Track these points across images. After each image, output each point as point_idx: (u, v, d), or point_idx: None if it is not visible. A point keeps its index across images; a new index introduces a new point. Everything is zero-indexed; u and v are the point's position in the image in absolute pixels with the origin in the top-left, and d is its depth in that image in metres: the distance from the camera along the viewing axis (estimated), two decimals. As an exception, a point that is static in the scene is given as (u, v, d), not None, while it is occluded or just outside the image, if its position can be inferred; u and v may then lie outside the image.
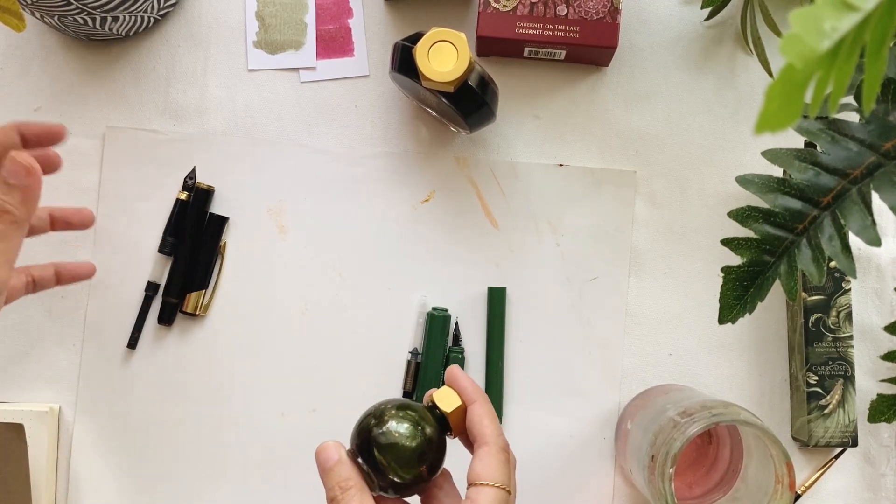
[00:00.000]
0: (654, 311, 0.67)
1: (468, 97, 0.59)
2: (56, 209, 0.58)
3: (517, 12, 0.64)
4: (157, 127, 0.68)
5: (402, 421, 0.47)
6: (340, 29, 0.68)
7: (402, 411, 0.47)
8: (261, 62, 0.68)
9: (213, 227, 0.66)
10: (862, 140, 0.46)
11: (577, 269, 0.67)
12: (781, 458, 0.53)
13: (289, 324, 0.66)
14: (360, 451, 0.46)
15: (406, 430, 0.46)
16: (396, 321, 0.66)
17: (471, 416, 0.48)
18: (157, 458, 0.65)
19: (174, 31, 0.68)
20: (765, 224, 0.47)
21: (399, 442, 0.46)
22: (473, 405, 0.49)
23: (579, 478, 0.65)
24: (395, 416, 0.47)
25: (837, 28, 0.28)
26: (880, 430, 0.66)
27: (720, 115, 0.68)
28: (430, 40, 0.58)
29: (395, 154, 0.68)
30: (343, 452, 0.46)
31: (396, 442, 0.46)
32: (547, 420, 0.66)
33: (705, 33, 0.69)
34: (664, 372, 0.66)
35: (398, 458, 0.46)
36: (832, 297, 0.65)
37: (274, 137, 0.68)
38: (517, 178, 0.67)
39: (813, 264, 0.46)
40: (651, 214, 0.67)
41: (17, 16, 0.51)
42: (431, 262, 0.67)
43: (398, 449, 0.46)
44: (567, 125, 0.68)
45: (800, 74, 0.27)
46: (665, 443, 0.54)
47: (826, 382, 0.64)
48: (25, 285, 0.57)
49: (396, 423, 0.46)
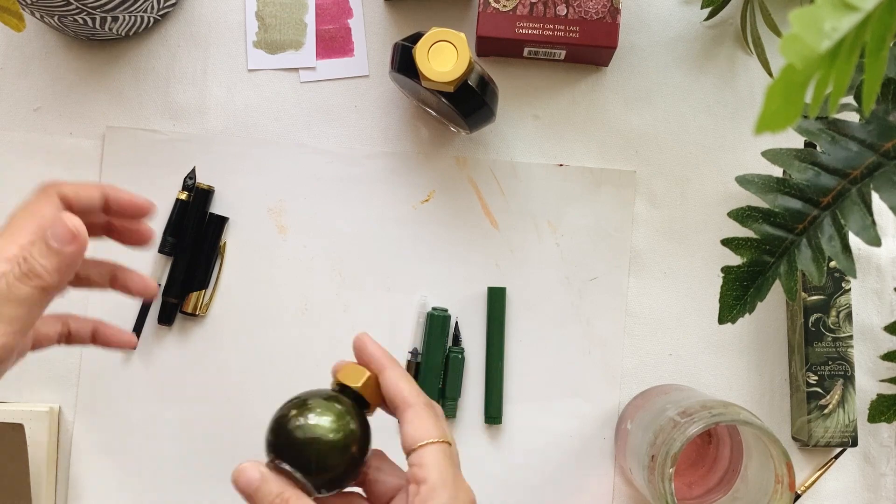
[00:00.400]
0: (654, 310, 0.67)
1: (468, 97, 0.59)
2: (119, 270, 0.53)
3: (517, 12, 0.64)
4: (156, 127, 0.68)
5: (315, 413, 0.44)
6: (340, 29, 0.68)
7: (313, 403, 0.44)
8: (261, 62, 0.68)
9: (213, 227, 0.66)
10: (862, 140, 0.46)
11: (577, 269, 0.67)
12: (781, 458, 0.53)
13: (289, 324, 0.66)
14: (281, 457, 0.43)
15: (323, 421, 0.43)
16: (396, 321, 0.66)
17: (385, 383, 0.46)
18: (156, 457, 0.65)
19: (174, 31, 0.68)
20: (765, 224, 0.47)
21: (319, 436, 0.43)
22: (384, 372, 0.46)
23: (579, 478, 0.65)
24: (306, 411, 0.44)
25: (837, 28, 0.28)
26: (880, 430, 0.66)
27: (720, 115, 0.68)
28: (430, 40, 0.58)
29: (395, 154, 0.68)
30: (263, 469, 0.43)
31: (316, 437, 0.43)
32: (547, 420, 0.66)
33: (705, 33, 0.69)
34: (664, 372, 0.66)
35: (322, 452, 0.43)
36: (832, 297, 0.65)
37: (274, 137, 0.68)
38: (517, 178, 0.67)
39: (813, 264, 0.46)
40: (651, 214, 0.67)
41: (17, 16, 0.51)
42: (431, 262, 0.67)
43: (320, 443, 0.43)
44: (567, 125, 0.68)
45: (800, 74, 0.27)
46: (665, 443, 0.54)
47: (826, 382, 0.64)
48: (59, 335, 0.52)
49: (310, 417, 0.43)
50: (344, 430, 0.43)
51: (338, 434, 0.43)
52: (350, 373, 0.46)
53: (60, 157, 0.67)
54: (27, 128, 0.67)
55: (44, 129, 0.67)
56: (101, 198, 0.47)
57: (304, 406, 0.44)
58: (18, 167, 0.67)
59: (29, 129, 0.67)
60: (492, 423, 0.66)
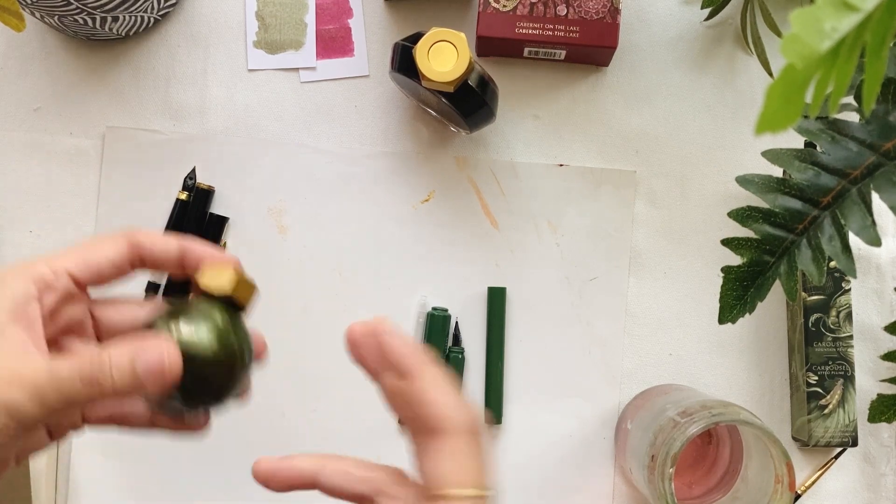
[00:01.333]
0: (654, 310, 0.67)
1: (468, 97, 0.59)
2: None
3: (517, 12, 0.64)
4: (157, 127, 0.68)
5: (191, 324, 0.37)
6: (340, 29, 0.68)
7: (179, 315, 0.37)
8: (261, 62, 0.68)
9: (214, 228, 0.66)
10: (862, 140, 0.46)
11: (577, 269, 0.67)
12: (781, 457, 0.53)
13: (289, 323, 0.66)
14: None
15: (199, 337, 0.37)
16: (396, 321, 0.66)
17: (410, 395, 0.35)
18: (156, 458, 0.65)
19: (174, 31, 0.68)
20: (765, 224, 0.47)
21: (194, 354, 0.36)
22: (413, 379, 0.35)
23: (579, 478, 0.65)
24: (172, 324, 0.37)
25: (838, 28, 0.28)
26: (880, 430, 0.66)
27: (720, 115, 0.68)
28: (430, 40, 0.58)
29: (395, 154, 0.68)
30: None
31: (192, 356, 0.36)
32: (547, 420, 0.66)
33: (705, 33, 0.69)
34: (664, 372, 0.66)
35: (202, 370, 0.37)
36: (832, 296, 0.65)
37: (274, 137, 0.68)
38: (517, 178, 0.67)
39: (813, 264, 0.46)
40: (651, 214, 0.67)
41: (17, 16, 0.51)
42: (431, 262, 0.67)
43: (198, 361, 0.36)
44: (567, 125, 0.68)
45: (800, 75, 0.27)
46: (665, 443, 0.54)
47: (826, 382, 0.64)
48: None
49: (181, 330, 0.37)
50: (220, 345, 0.37)
51: (214, 347, 0.37)
52: (216, 275, 0.39)
53: (60, 157, 0.67)
54: (27, 128, 0.67)
55: (44, 129, 0.67)
56: (179, 253, 0.40)
57: (172, 316, 0.37)
58: (18, 167, 0.67)
59: (29, 129, 0.67)
60: (492, 424, 0.66)
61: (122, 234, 0.40)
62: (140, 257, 0.40)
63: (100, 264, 0.39)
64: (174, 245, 0.40)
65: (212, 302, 0.39)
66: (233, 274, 0.39)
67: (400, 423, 0.38)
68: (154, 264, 0.40)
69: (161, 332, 0.37)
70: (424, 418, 0.35)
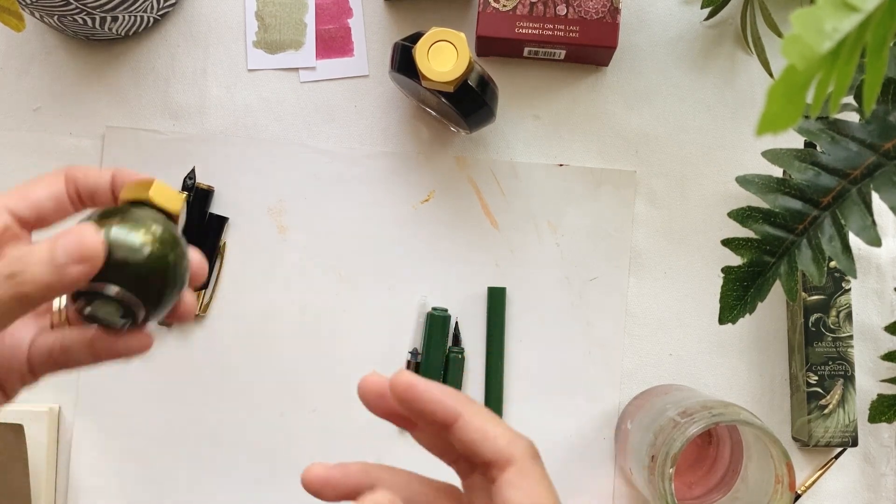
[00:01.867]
0: (654, 311, 0.67)
1: (468, 97, 0.59)
2: None
3: (517, 12, 0.64)
4: (156, 127, 0.68)
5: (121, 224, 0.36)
6: (340, 29, 0.68)
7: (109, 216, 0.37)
8: (260, 62, 0.68)
9: (213, 227, 0.66)
10: (862, 140, 0.46)
11: (577, 269, 0.67)
12: (781, 458, 0.53)
13: (289, 324, 0.66)
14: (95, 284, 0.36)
15: (128, 235, 0.36)
16: (396, 321, 0.66)
17: (465, 435, 0.35)
18: (156, 458, 0.65)
19: (174, 31, 0.68)
20: (765, 224, 0.47)
21: (125, 253, 0.35)
22: (463, 419, 0.35)
23: (579, 478, 0.65)
24: (101, 222, 0.36)
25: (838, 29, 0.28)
26: (880, 430, 0.66)
27: (720, 115, 0.68)
28: (430, 40, 0.58)
29: (395, 154, 0.68)
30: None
31: (122, 256, 0.35)
32: (547, 420, 0.66)
33: (705, 33, 0.69)
34: (664, 372, 0.66)
35: (134, 270, 0.35)
36: (832, 297, 0.65)
37: (274, 137, 0.68)
38: (517, 178, 0.67)
39: (813, 264, 0.46)
40: (651, 214, 0.67)
41: (17, 16, 0.51)
42: (431, 262, 0.67)
43: (130, 262, 0.35)
44: (567, 125, 0.68)
45: (801, 75, 0.27)
46: (665, 443, 0.54)
47: (826, 382, 0.64)
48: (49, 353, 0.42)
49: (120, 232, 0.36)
50: (158, 246, 0.36)
51: (152, 250, 0.36)
52: (137, 187, 0.38)
53: (60, 157, 0.67)
54: (27, 128, 0.67)
55: (44, 129, 0.67)
56: (111, 178, 0.40)
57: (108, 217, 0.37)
58: (18, 167, 0.67)
59: (29, 129, 0.67)
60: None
61: (58, 170, 0.40)
62: (77, 192, 0.40)
63: (40, 200, 0.39)
64: (107, 173, 0.40)
65: (143, 209, 0.38)
66: (156, 184, 0.38)
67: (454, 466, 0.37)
68: (91, 197, 0.40)
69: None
70: (489, 453, 0.34)
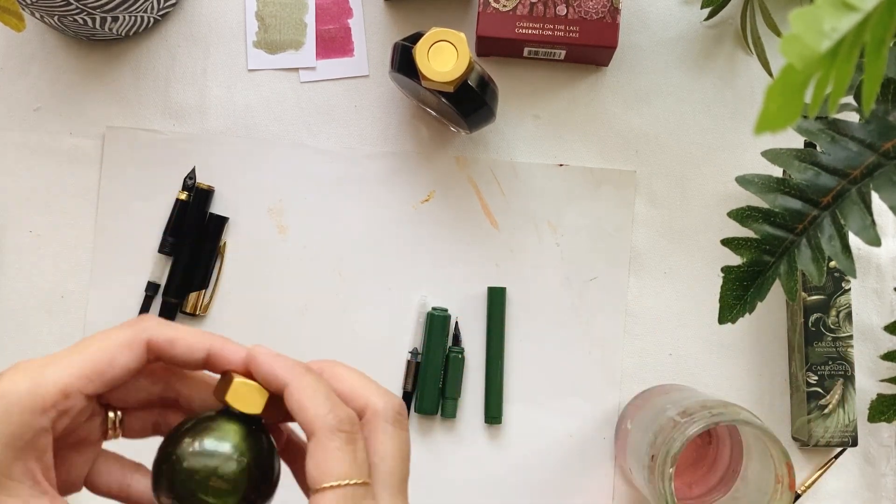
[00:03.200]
0: (654, 310, 0.67)
1: (468, 97, 0.59)
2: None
3: (517, 12, 0.64)
4: (156, 127, 0.68)
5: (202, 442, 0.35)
6: (340, 29, 0.68)
7: (199, 433, 0.36)
8: (261, 62, 0.68)
9: (213, 227, 0.66)
10: (862, 140, 0.46)
11: (577, 269, 0.67)
12: (781, 457, 0.53)
13: (289, 324, 0.66)
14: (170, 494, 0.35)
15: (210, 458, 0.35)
16: (396, 321, 0.66)
17: (289, 404, 0.35)
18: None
19: (174, 31, 0.68)
20: (765, 224, 0.47)
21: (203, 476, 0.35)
22: (287, 389, 0.36)
23: (579, 478, 0.65)
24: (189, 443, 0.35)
25: (837, 28, 0.28)
26: (880, 429, 0.66)
27: (720, 115, 0.68)
28: (430, 40, 0.58)
29: (395, 154, 0.68)
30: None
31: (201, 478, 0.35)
32: (547, 420, 0.66)
33: (705, 33, 0.69)
34: (664, 372, 0.66)
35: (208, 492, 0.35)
36: (832, 296, 0.65)
37: (274, 137, 0.68)
38: (517, 178, 0.67)
39: (813, 264, 0.46)
40: (651, 214, 0.67)
41: (17, 16, 0.51)
42: (431, 262, 0.67)
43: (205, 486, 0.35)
44: (567, 125, 0.68)
45: (800, 75, 0.27)
46: (665, 443, 0.54)
47: (826, 382, 0.64)
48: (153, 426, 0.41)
49: (193, 450, 0.35)
50: (235, 468, 0.35)
51: (227, 470, 0.35)
52: (243, 395, 0.36)
53: (60, 157, 0.67)
54: (27, 128, 0.67)
55: (44, 129, 0.67)
56: (205, 358, 0.36)
57: (192, 434, 0.36)
58: (18, 167, 0.67)
59: (29, 129, 0.67)
60: (492, 423, 0.66)
61: (137, 335, 0.35)
62: (158, 356, 0.36)
63: (115, 378, 0.34)
64: (200, 351, 0.36)
65: (236, 420, 0.36)
66: (267, 395, 0.36)
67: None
68: (173, 364, 0.37)
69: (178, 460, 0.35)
70: (302, 423, 0.35)
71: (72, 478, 0.38)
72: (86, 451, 0.38)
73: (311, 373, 0.37)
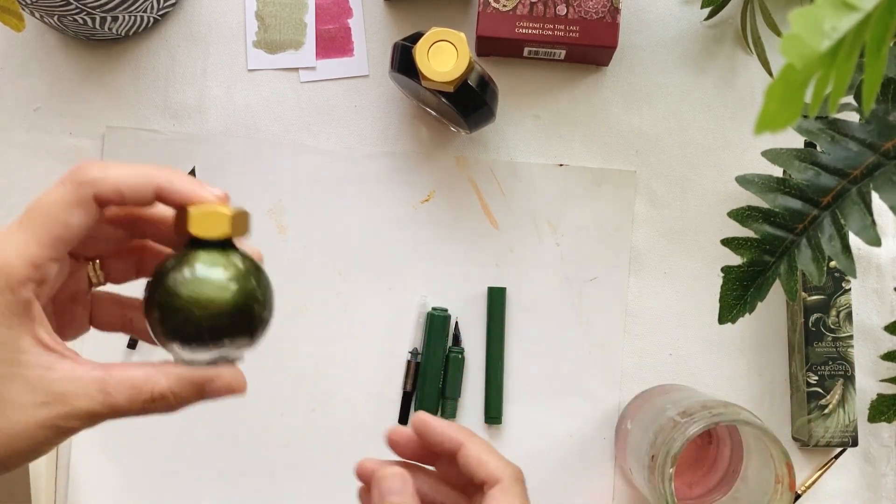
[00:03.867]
0: (654, 310, 0.67)
1: (468, 97, 0.59)
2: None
3: (517, 12, 0.64)
4: (156, 127, 0.68)
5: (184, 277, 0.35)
6: (340, 29, 0.68)
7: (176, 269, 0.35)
8: (260, 62, 0.68)
9: (213, 227, 0.66)
10: (862, 140, 0.46)
11: (577, 269, 0.67)
12: (781, 457, 0.53)
13: (288, 324, 0.66)
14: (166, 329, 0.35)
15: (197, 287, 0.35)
16: (396, 321, 0.66)
17: (468, 460, 0.43)
18: (156, 458, 0.65)
19: (174, 31, 0.68)
20: (765, 224, 0.47)
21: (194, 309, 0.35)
22: (465, 447, 0.43)
23: (579, 478, 0.65)
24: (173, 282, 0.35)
25: (837, 28, 0.28)
26: (880, 429, 0.66)
27: (720, 115, 0.68)
28: (430, 40, 0.58)
29: (395, 154, 0.68)
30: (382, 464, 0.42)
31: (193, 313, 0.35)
32: (547, 420, 0.66)
33: (705, 33, 0.69)
34: (664, 372, 0.66)
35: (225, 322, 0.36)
36: (832, 296, 0.65)
37: (274, 137, 0.68)
38: (517, 178, 0.67)
39: (813, 264, 0.46)
40: (651, 214, 0.67)
41: (17, 16, 0.51)
42: (431, 262, 0.67)
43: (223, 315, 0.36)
44: (567, 125, 0.68)
45: (800, 74, 0.27)
46: (665, 443, 0.54)
47: (826, 382, 0.64)
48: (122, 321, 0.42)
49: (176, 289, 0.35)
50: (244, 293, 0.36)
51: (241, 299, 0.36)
52: (205, 222, 0.35)
53: (60, 157, 0.67)
54: (27, 128, 0.67)
55: (44, 128, 0.67)
56: (153, 194, 0.36)
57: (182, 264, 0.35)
58: (18, 167, 0.67)
59: (29, 129, 0.67)
60: (492, 424, 0.66)
61: (83, 191, 0.34)
62: (108, 203, 0.35)
63: (75, 236, 0.35)
64: (148, 191, 0.35)
65: (206, 249, 0.36)
66: (228, 214, 0.36)
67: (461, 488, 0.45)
68: (125, 207, 0.37)
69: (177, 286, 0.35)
70: (482, 475, 0.42)
71: (76, 325, 0.40)
72: (81, 299, 0.40)
73: (475, 434, 0.44)
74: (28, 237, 0.34)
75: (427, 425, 0.44)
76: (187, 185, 0.36)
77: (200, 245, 0.36)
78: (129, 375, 0.35)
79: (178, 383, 0.36)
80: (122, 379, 0.35)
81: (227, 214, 0.36)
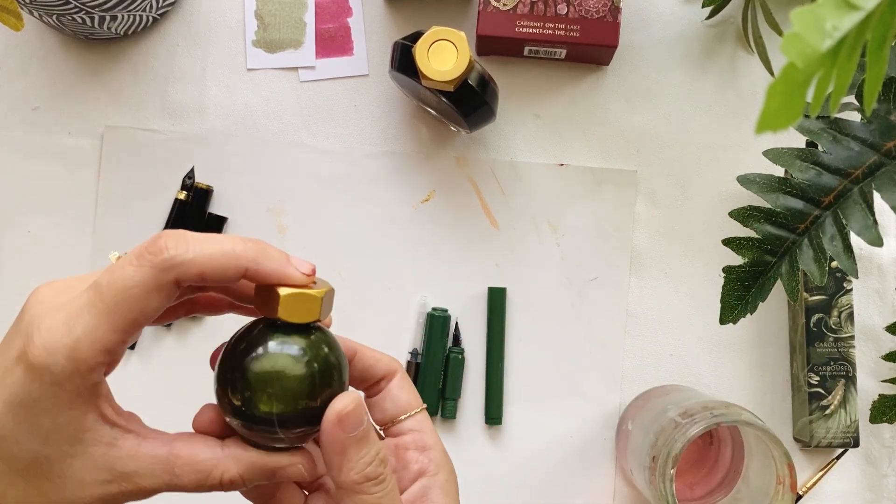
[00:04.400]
0: (655, 311, 0.67)
1: (468, 96, 0.59)
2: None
3: (517, 11, 0.63)
4: (155, 126, 0.67)
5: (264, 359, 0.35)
6: (340, 28, 0.68)
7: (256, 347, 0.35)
8: (260, 61, 0.68)
9: (213, 227, 0.66)
10: (863, 139, 0.46)
11: (578, 269, 0.67)
12: (783, 458, 0.53)
13: (288, 324, 0.66)
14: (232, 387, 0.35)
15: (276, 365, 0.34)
16: (396, 321, 0.66)
17: (362, 361, 0.41)
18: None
19: (173, 31, 0.68)
20: (766, 224, 0.47)
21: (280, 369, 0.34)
22: (360, 350, 0.41)
23: (579, 479, 0.65)
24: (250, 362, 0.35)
25: (839, 27, 0.27)
26: (882, 430, 0.65)
27: (721, 115, 0.68)
28: (430, 39, 0.57)
29: (395, 154, 0.67)
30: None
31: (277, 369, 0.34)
32: (547, 420, 0.66)
33: (706, 32, 0.68)
34: (665, 372, 0.66)
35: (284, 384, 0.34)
36: (833, 297, 0.64)
37: (273, 137, 0.67)
38: (517, 178, 0.67)
39: (814, 264, 0.46)
40: (652, 214, 0.67)
41: (16, 15, 0.51)
42: (431, 262, 0.67)
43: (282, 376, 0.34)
44: (567, 124, 0.68)
45: (801, 74, 0.27)
46: (666, 444, 0.54)
47: (827, 383, 0.63)
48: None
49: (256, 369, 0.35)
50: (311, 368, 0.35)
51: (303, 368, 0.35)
52: (295, 307, 0.35)
53: (60, 157, 0.67)
54: (26, 127, 0.67)
55: (43, 128, 0.67)
56: (239, 276, 0.34)
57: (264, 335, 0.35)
58: (17, 167, 0.67)
59: (28, 129, 0.67)
60: (492, 424, 0.65)
61: (164, 276, 0.33)
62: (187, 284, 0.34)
63: (150, 319, 0.34)
64: (234, 276, 0.34)
65: (292, 331, 0.35)
66: (283, 297, 0.34)
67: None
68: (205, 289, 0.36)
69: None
70: (382, 370, 0.42)
71: None
72: None
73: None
74: (101, 322, 0.32)
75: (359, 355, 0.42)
76: (276, 265, 0.35)
77: (283, 326, 0.35)
78: (198, 459, 0.34)
79: (250, 471, 0.35)
80: (189, 461, 0.34)
81: (319, 298, 0.35)
